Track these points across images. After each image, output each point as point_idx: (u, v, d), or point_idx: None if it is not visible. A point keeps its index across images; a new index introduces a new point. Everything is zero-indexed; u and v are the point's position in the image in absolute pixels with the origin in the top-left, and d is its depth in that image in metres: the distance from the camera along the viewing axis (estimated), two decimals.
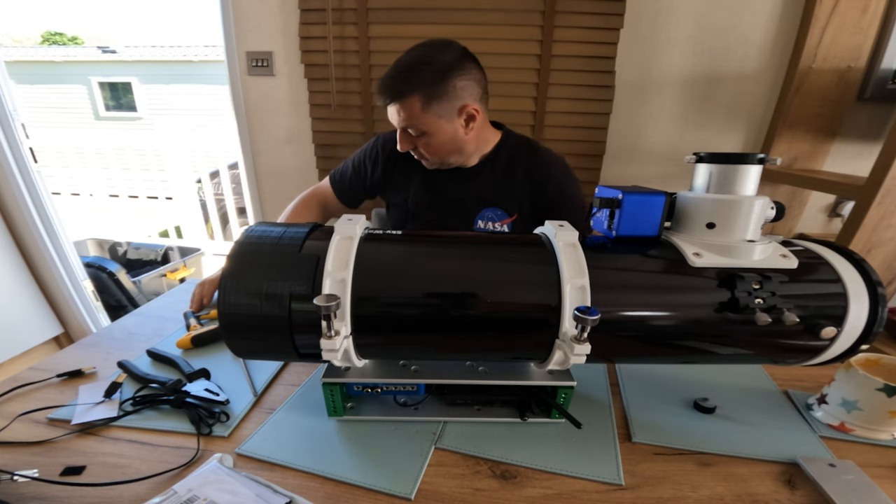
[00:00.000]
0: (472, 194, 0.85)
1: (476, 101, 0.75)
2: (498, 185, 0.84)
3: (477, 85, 0.75)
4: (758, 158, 0.43)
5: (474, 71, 0.75)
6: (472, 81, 0.74)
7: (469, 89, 0.74)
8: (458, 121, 0.75)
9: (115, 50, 8.10)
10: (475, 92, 0.75)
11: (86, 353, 0.65)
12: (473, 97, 0.75)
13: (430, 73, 0.71)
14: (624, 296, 0.43)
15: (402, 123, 0.75)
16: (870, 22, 1.15)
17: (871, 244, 0.96)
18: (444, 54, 0.72)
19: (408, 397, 0.53)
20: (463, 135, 0.77)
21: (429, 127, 0.74)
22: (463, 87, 0.73)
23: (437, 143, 0.76)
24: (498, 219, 0.84)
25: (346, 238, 0.42)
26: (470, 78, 0.73)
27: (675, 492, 0.43)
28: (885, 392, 0.47)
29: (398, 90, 0.72)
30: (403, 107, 0.72)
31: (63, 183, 3.25)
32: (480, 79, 0.76)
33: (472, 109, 0.74)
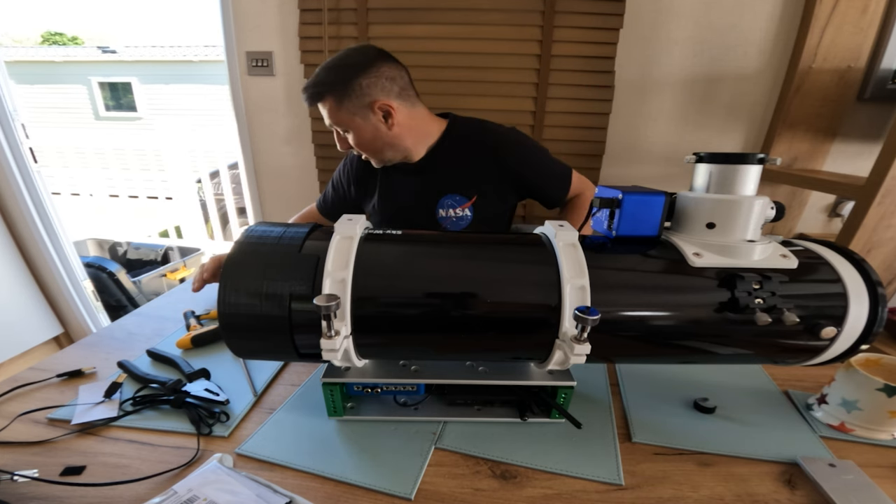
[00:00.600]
0: (427, 186, 0.88)
1: (390, 97, 0.79)
2: (451, 172, 0.87)
3: (389, 82, 0.79)
4: (758, 158, 0.43)
5: (385, 69, 0.78)
6: (381, 79, 0.77)
7: (378, 86, 0.77)
8: (375, 117, 0.79)
9: (115, 50, 8.10)
10: (387, 88, 0.78)
11: (86, 353, 0.65)
12: (385, 94, 0.78)
13: (335, 74, 0.77)
14: (624, 296, 0.43)
15: (327, 122, 0.81)
16: (870, 22, 1.15)
17: (871, 244, 0.96)
18: (351, 57, 0.78)
19: (408, 397, 0.53)
20: (385, 130, 0.80)
21: (347, 125, 0.80)
22: (369, 84, 0.77)
23: (361, 139, 0.81)
24: (457, 204, 0.87)
25: (346, 238, 0.42)
26: (378, 76, 0.77)
27: (675, 492, 0.43)
28: (885, 392, 0.47)
29: (312, 94, 0.79)
30: (322, 108, 0.80)
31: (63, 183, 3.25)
32: (395, 76, 0.80)
33: (384, 105, 0.78)
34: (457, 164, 0.86)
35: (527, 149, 0.88)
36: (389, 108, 0.78)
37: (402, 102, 0.81)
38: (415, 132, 0.84)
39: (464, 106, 1.38)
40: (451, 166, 0.86)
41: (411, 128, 0.83)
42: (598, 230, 0.51)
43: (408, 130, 0.83)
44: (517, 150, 0.87)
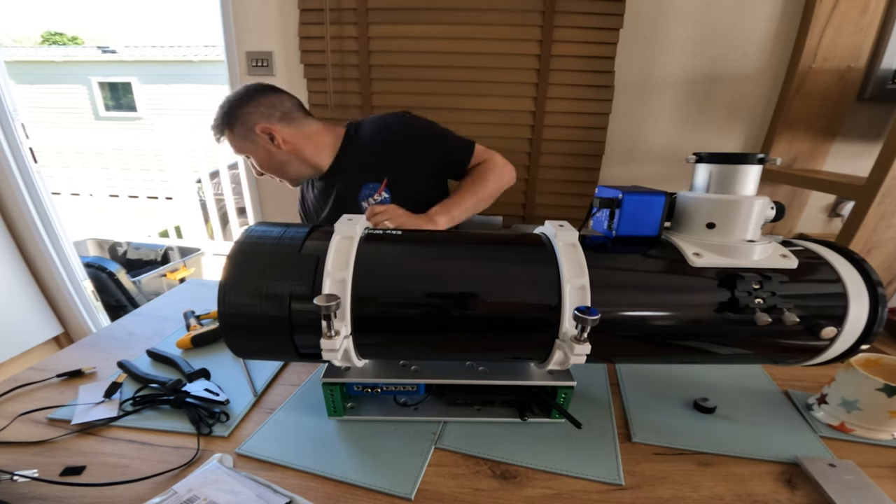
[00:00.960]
0: (346, 185, 0.96)
1: (271, 121, 0.89)
2: (360, 166, 0.95)
3: (269, 109, 0.89)
4: (758, 158, 0.43)
5: (264, 99, 0.89)
6: (260, 107, 0.88)
7: (257, 114, 0.88)
8: (262, 140, 0.89)
9: (115, 50, 8.10)
10: (267, 114, 0.89)
11: (86, 353, 0.65)
12: (266, 119, 0.89)
13: (222, 111, 0.89)
14: (624, 296, 0.43)
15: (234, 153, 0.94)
16: (870, 22, 1.15)
17: (871, 244, 0.96)
18: (234, 94, 0.90)
19: (408, 397, 0.53)
20: (276, 150, 0.90)
21: (244, 151, 0.91)
22: (250, 112, 0.88)
23: (259, 161, 0.92)
24: (373, 191, 0.94)
25: (346, 238, 0.42)
26: (257, 104, 0.88)
27: (675, 492, 0.43)
28: (885, 392, 0.47)
29: (214, 133, 0.91)
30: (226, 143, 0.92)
31: (63, 183, 3.25)
32: (275, 104, 0.90)
33: (265, 128, 0.88)
34: (362, 158, 0.94)
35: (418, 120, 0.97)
36: (271, 130, 0.88)
37: (286, 124, 0.90)
38: (310, 146, 0.93)
39: (464, 106, 1.38)
40: (358, 161, 0.94)
41: (304, 144, 0.92)
42: (599, 230, 0.51)
43: (301, 146, 0.92)
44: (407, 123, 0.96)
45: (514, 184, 1.44)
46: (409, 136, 0.94)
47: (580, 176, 1.43)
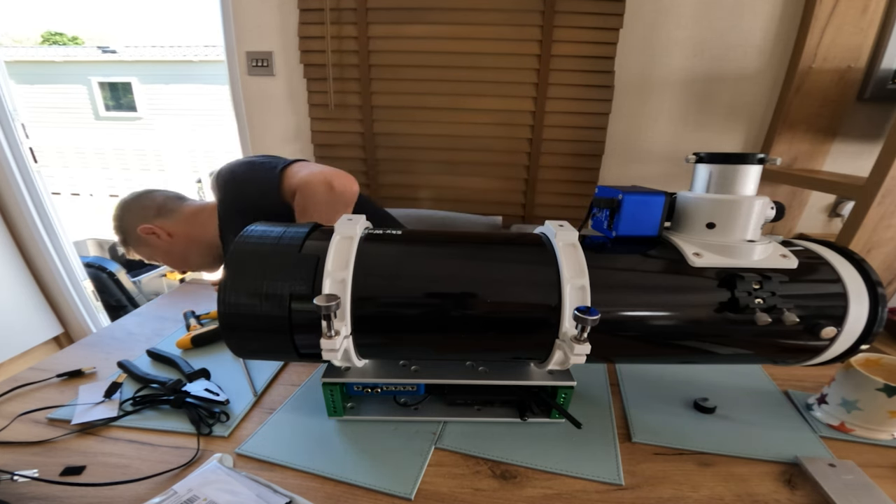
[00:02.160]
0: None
1: (148, 220, 0.87)
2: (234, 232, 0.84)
3: (142, 210, 0.88)
4: (758, 158, 0.43)
5: (133, 203, 0.89)
6: (133, 212, 0.88)
7: (135, 217, 0.87)
8: (151, 240, 0.87)
9: (115, 50, 8.10)
10: (143, 214, 0.88)
11: (86, 353, 0.65)
12: (144, 219, 0.87)
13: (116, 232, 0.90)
14: (624, 296, 0.43)
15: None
16: (870, 22, 1.15)
17: (871, 244, 0.96)
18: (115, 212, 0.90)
19: (408, 397, 0.53)
20: (167, 243, 0.88)
21: (149, 258, 0.92)
22: (128, 222, 0.88)
23: (164, 260, 0.92)
24: None
25: (346, 238, 0.42)
26: (129, 211, 0.88)
27: (675, 492, 0.43)
28: (885, 392, 0.47)
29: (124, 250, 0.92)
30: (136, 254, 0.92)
31: (63, 183, 3.25)
32: (146, 203, 0.89)
33: (145, 229, 0.86)
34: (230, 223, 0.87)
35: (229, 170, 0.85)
36: (151, 229, 0.86)
37: (164, 217, 0.88)
38: (196, 227, 0.89)
39: (464, 106, 1.38)
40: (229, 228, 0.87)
41: (189, 228, 0.89)
42: (598, 230, 0.51)
43: (187, 231, 0.88)
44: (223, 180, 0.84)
45: (514, 184, 1.46)
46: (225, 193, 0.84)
47: (580, 176, 1.43)
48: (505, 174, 1.46)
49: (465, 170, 1.46)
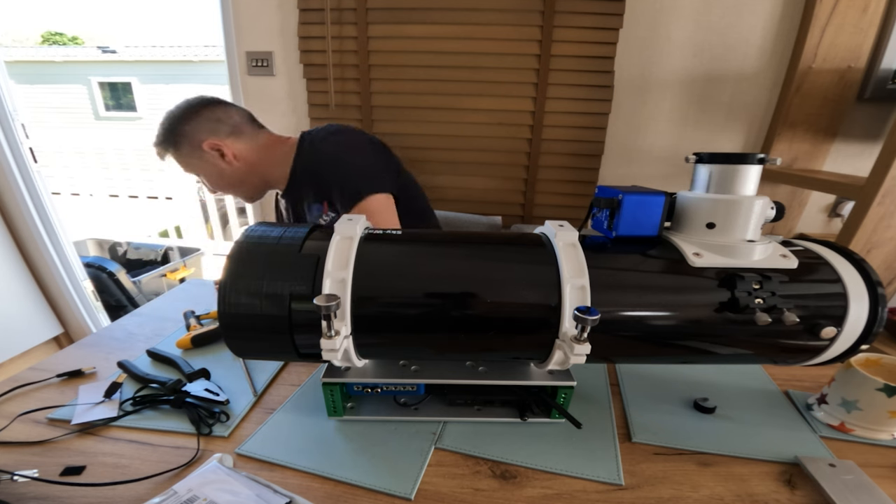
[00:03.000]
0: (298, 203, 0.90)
1: (217, 136, 0.82)
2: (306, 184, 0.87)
3: (215, 123, 0.83)
4: (758, 158, 0.43)
5: (208, 113, 0.83)
6: (204, 121, 0.82)
7: (202, 128, 0.82)
8: (209, 155, 0.83)
9: (115, 50, 8.10)
10: (214, 129, 0.82)
11: (86, 353, 0.65)
12: (213, 134, 0.82)
13: (163, 129, 0.83)
14: (624, 296, 0.43)
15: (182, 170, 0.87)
16: (870, 22, 1.15)
17: (871, 244, 0.96)
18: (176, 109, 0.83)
19: (408, 397, 0.53)
20: (226, 166, 0.84)
21: (194, 170, 0.86)
22: (193, 129, 0.82)
23: (210, 180, 0.87)
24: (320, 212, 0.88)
25: (346, 238, 0.42)
26: (200, 118, 0.82)
27: (675, 492, 0.43)
28: (885, 392, 0.47)
29: (157, 153, 0.86)
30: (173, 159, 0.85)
31: (63, 183, 3.25)
32: (222, 118, 0.84)
33: (213, 144, 0.82)
34: (308, 175, 0.86)
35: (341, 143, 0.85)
36: (219, 146, 0.82)
37: (236, 138, 0.84)
38: (265, 161, 0.86)
39: (464, 106, 1.38)
40: (305, 179, 0.86)
41: (258, 159, 0.86)
42: (598, 230, 0.51)
43: (255, 161, 0.86)
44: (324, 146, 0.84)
45: (514, 184, 1.46)
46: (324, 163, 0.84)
47: (580, 176, 1.43)
48: (505, 174, 1.46)
49: (464, 170, 1.46)
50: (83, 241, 2.52)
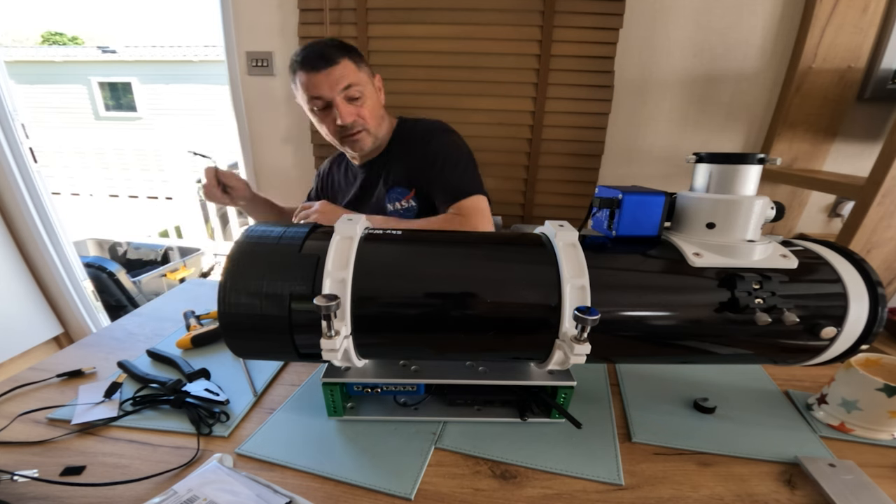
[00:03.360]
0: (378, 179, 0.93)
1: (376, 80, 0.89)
2: (394, 166, 0.91)
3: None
4: (758, 158, 0.43)
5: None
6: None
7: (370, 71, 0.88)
8: (376, 86, 0.88)
9: (115, 50, 8.10)
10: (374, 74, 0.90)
11: (86, 353, 0.65)
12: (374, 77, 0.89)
13: (343, 44, 0.84)
14: (624, 296, 0.43)
15: (341, 85, 0.82)
16: (870, 22, 1.15)
17: (871, 244, 0.96)
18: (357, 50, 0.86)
19: (408, 397, 0.53)
20: (380, 103, 0.89)
21: (363, 88, 0.84)
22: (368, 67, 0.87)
23: (369, 108, 0.86)
24: (401, 196, 0.90)
25: (346, 238, 0.42)
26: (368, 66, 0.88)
27: (675, 492, 0.43)
28: (885, 392, 0.47)
29: (332, 55, 0.81)
30: (341, 68, 0.81)
31: (63, 183, 3.25)
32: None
33: (380, 81, 0.89)
34: (398, 158, 0.91)
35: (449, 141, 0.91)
36: (381, 87, 0.88)
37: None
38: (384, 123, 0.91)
39: (464, 106, 1.38)
40: (401, 161, 0.90)
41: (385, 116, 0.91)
42: (599, 230, 0.51)
43: (385, 117, 0.91)
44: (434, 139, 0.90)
45: (514, 184, 1.46)
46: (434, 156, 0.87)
47: (580, 176, 1.43)
48: (505, 174, 1.46)
49: None
50: (83, 241, 2.52)
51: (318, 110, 0.85)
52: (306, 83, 0.82)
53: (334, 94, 0.82)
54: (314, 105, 0.84)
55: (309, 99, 0.84)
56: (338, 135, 0.88)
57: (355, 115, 0.85)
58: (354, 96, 0.83)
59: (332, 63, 0.80)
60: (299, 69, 0.82)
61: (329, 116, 0.85)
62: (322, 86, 0.81)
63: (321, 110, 0.85)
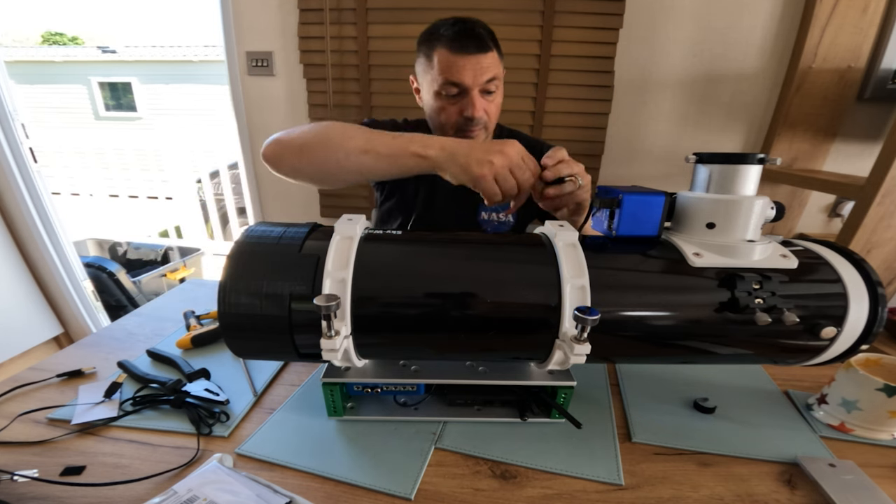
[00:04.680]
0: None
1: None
2: None
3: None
4: (758, 158, 0.43)
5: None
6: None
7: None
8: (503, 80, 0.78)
9: (115, 50, 8.10)
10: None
11: (86, 353, 0.65)
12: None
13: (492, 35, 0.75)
14: (624, 296, 0.43)
15: (486, 77, 0.73)
16: (870, 22, 1.15)
17: (871, 244, 0.96)
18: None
19: (408, 397, 0.53)
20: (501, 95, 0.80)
21: (499, 83, 0.76)
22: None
23: (496, 105, 0.78)
24: (501, 209, 0.82)
25: (346, 238, 0.42)
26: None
27: (675, 492, 0.43)
28: (885, 392, 0.47)
29: (486, 41, 0.72)
30: (491, 58, 0.73)
31: (63, 183, 3.25)
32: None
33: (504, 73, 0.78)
34: None
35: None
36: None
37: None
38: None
39: None
40: None
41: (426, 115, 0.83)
42: (598, 230, 0.51)
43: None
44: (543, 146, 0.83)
45: None
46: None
47: None
48: None
49: None
50: (83, 241, 2.52)
51: (447, 95, 0.75)
52: (448, 64, 0.72)
53: (475, 84, 0.73)
54: (447, 90, 0.74)
55: (443, 81, 0.73)
56: (457, 126, 0.78)
57: (484, 110, 0.76)
58: (491, 90, 0.75)
59: (485, 49, 0.72)
60: (443, 45, 0.72)
61: (456, 105, 0.75)
62: (466, 72, 0.72)
63: (450, 96, 0.75)
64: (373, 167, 0.58)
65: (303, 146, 0.61)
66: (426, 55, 0.76)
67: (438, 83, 0.74)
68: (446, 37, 0.72)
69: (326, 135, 0.60)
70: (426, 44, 0.76)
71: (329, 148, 0.59)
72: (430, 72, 0.76)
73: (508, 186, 0.52)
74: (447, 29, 0.72)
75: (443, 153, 0.54)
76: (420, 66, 0.79)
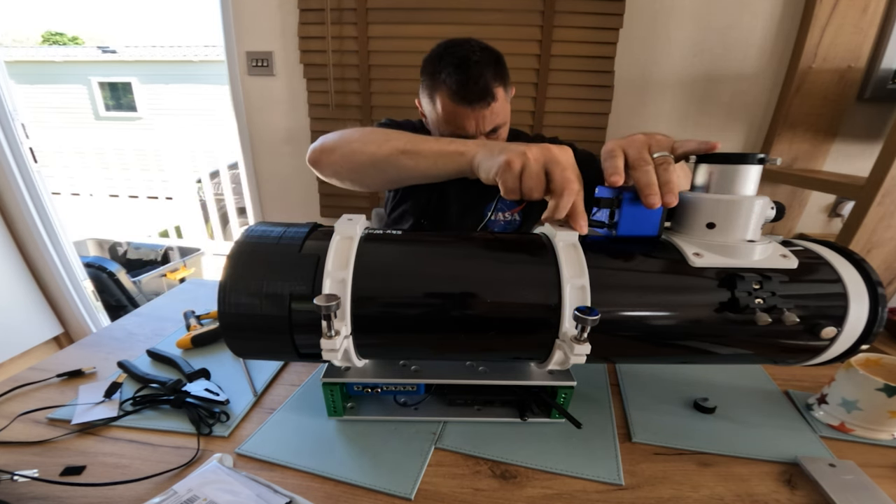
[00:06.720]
0: (483, 187, 0.83)
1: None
2: None
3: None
4: (758, 158, 0.43)
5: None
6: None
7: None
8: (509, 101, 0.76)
9: (115, 50, 8.10)
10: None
11: (86, 353, 0.65)
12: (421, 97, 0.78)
13: (499, 63, 0.71)
14: (624, 296, 0.43)
15: (489, 127, 0.71)
16: (870, 22, 1.15)
17: (871, 244, 0.96)
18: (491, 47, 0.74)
19: (408, 397, 0.53)
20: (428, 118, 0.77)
21: (505, 117, 0.74)
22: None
23: (503, 133, 0.75)
24: (507, 208, 0.82)
25: (346, 238, 0.42)
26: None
27: (675, 492, 0.43)
28: (885, 392, 0.47)
29: (491, 87, 0.69)
30: (496, 106, 0.71)
31: (63, 183, 3.25)
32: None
33: (513, 90, 0.75)
34: None
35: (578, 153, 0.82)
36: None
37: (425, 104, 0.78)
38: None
39: None
40: None
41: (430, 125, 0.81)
42: (598, 230, 0.51)
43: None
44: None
45: None
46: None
47: None
48: None
49: None
50: (83, 241, 2.52)
51: (450, 132, 0.74)
52: (451, 114, 0.71)
53: (479, 133, 0.72)
54: (450, 131, 0.74)
55: (446, 129, 0.73)
56: None
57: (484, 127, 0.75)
58: (496, 128, 0.74)
59: (489, 98, 0.69)
60: (447, 94, 0.70)
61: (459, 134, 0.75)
62: (469, 122, 0.71)
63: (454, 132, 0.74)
64: (414, 168, 0.58)
65: (345, 150, 0.63)
66: (429, 94, 0.74)
67: (441, 128, 0.74)
68: (448, 86, 0.69)
69: (368, 138, 0.61)
70: (429, 81, 0.73)
71: (369, 151, 0.60)
72: (432, 112, 0.75)
73: (533, 183, 0.47)
74: (449, 75, 0.69)
75: (483, 148, 0.53)
76: (423, 97, 0.77)
